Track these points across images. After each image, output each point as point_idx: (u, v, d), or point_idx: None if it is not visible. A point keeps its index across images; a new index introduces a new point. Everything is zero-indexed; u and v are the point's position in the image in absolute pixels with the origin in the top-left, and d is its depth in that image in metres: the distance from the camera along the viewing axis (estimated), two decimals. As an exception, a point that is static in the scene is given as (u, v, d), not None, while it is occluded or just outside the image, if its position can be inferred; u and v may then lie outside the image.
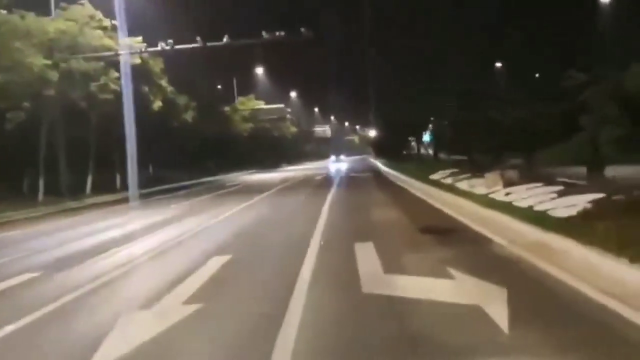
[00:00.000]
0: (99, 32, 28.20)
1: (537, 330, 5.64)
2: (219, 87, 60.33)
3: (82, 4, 28.05)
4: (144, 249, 12.66)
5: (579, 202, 11.56)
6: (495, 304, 6.43)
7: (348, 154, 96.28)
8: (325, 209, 18.33)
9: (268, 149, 65.81)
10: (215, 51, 49.67)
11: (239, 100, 61.68)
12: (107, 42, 28.90)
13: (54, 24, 25.72)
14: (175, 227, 16.61)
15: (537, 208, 12.35)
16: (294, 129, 78.15)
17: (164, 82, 35.00)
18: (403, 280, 8.08)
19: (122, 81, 28.40)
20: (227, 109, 58.31)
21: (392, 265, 9.11)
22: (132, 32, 30.62)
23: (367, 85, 62.14)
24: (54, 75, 25.09)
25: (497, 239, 10.71)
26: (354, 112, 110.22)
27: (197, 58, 45.76)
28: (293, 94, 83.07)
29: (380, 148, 65.45)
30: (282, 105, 64.98)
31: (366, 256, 9.93)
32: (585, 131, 13.87)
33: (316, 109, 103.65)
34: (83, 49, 27.99)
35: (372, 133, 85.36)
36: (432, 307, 6.66)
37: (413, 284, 7.86)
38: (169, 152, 43.30)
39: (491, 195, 16.01)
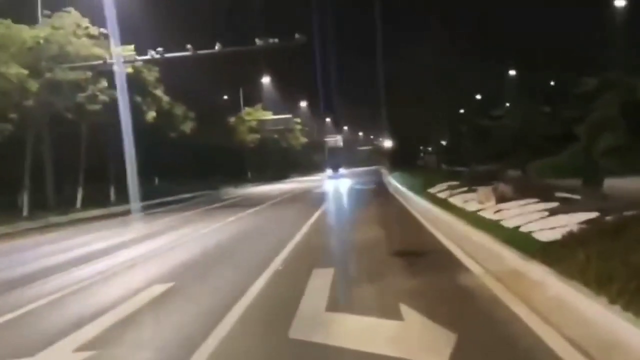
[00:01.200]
0: (85, 40, 27.17)
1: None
2: (226, 97, 59.42)
3: (68, 12, 27.05)
4: (88, 274, 11.53)
5: (569, 223, 10.26)
6: (436, 356, 5.40)
7: (358, 165, 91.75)
8: (307, 225, 17.14)
9: (276, 160, 64.75)
10: (222, 61, 48.96)
11: (246, 110, 60.62)
12: (97, 51, 27.95)
13: (32, 32, 24.70)
14: (144, 245, 15.54)
15: (524, 229, 11.05)
16: (303, 140, 76.89)
17: (159, 92, 33.96)
18: (341, 322, 6.86)
19: (118, 91, 27.39)
20: (233, 119, 57.33)
21: (340, 299, 7.99)
22: (122, 41, 29.70)
23: (381, 94, 61.11)
24: (32, 85, 24.09)
25: (472, 265, 9.50)
26: (368, 122, 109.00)
27: (202, 68, 45.17)
28: (303, 104, 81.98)
29: (393, 159, 64.29)
30: (289, 116, 63.82)
31: (317, 287, 8.72)
32: (579, 141, 12.50)
33: (328, 119, 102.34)
34: (71, 58, 27.05)
35: (387, 143, 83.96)
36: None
37: (351, 327, 6.66)
38: (175, 164, 42.42)
39: (481, 213, 14.68)
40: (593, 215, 10.50)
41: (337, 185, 36.93)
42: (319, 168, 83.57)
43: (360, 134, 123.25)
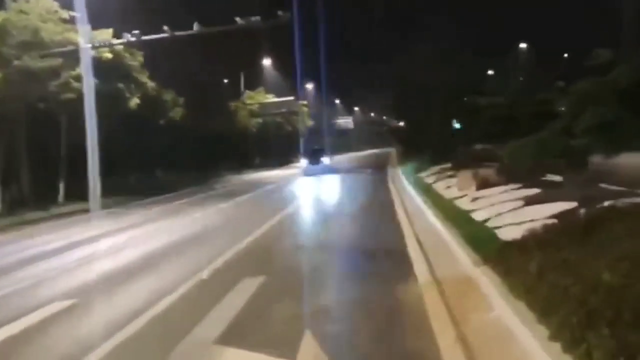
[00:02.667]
0: (55, 24, 25.61)
1: None
2: (226, 81, 57.83)
3: (34, -5, 25.54)
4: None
5: (540, 216, 8.72)
6: None
7: (369, 148, 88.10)
8: (275, 219, 15.53)
9: (282, 144, 63.03)
10: (221, 45, 47.48)
11: (247, 94, 58.94)
12: (71, 36, 26.49)
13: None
14: (91, 247, 14.04)
15: (491, 223, 9.58)
16: (310, 122, 74.99)
17: (144, 78, 32.44)
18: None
19: (83, 74, 25.79)
20: (233, 104, 55.78)
21: (243, 324, 6.60)
22: (101, 25, 28.28)
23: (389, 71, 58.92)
24: (-9, 76, 22.72)
25: (421, 271, 8.04)
26: (380, 103, 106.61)
27: (201, 53, 43.79)
28: (310, 86, 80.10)
29: (401, 139, 62.03)
30: (292, 98, 61.98)
31: (230, 304, 7.39)
32: (559, 118, 10.84)
33: (337, 101, 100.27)
34: (44, 44, 25.59)
35: (402, 124, 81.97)
36: None
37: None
38: (175, 152, 40.99)
39: (458, 201, 13.18)
40: (570, 205, 8.95)
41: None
42: (329, 151, 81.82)
43: (372, 114, 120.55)
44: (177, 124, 38.44)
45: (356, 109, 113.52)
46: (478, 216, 10.43)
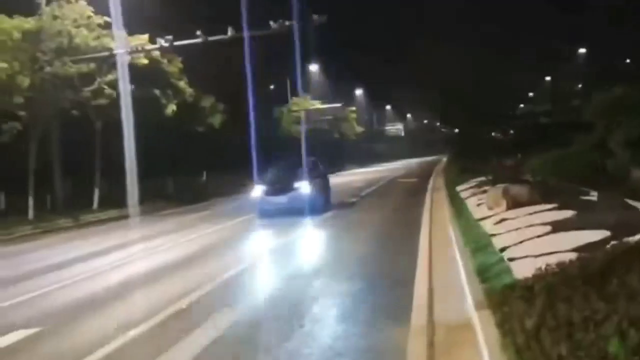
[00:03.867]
0: (87, 30, 25.29)
1: None
2: (272, 87, 57.35)
3: (68, 0, 25.24)
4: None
5: (563, 247, 7.55)
6: None
7: (417, 155, 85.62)
8: (288, 236, 14.51)
9: (329, 151, 61.98)
10: (268, 51, 46.93)
11: (293, 100, 58.22)
12: (106, 41, 26.18)
13: (13, 23, 22.97)
14: (93, 262, 13.23)
15: (510, 252, 8.39)
16: (359, 129, 73.80)
17: (182, 84, 32.02)
18: None
19: (120, 82, 25.53)
20: (279, 109, 55.28)
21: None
22: (136, 32, 27.98)
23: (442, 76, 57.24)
24: (23, 81, 22.45)
25: (419, 312, 6.95)
26: (433, 109, 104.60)
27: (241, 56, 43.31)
28: (359, 92, 79.01)
29: (451, 147, 60.06)
30: (339, 105, 60.86)
31: (188, 347, 6.35)
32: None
33: (388, 107, 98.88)
34: (80, 50, 25.36)
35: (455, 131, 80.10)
36: None
37: None
38: (218, 161, 40.48)
39: (484, 222, 11.92)
40: (600, 235, 7.70)
41: None
42: (379, 159, 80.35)
43: (425, 121, 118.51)
44: (216, 130, 37.91)
45: (409, 115, 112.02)
46: (499, 242, 9.23)
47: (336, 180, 42.98)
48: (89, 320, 8.10)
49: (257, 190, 19.94)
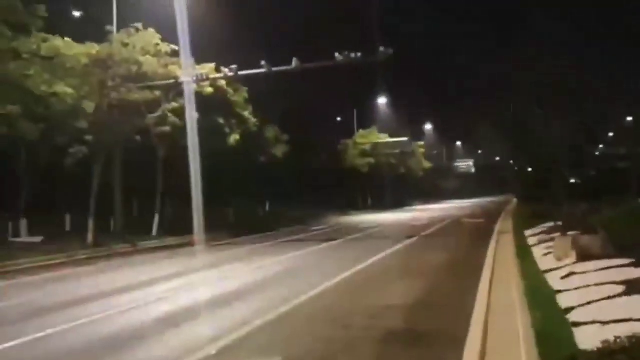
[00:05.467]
0: (155, 58, 25.43)
1: None
2: (339, 119, 57.09)
3: (137, 28, 25.46)
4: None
5: (634, 314, 6.55)
6: None
7: (486, 195, 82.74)
8: (334, 281, 13.63)
9: (395, 186, 61.08)
10: (335, 82, 46.70)
11: (359, 133, 57.69)
12: (173, 69, 26.32)
13: (80, 49, 23.24)
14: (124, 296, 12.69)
15: (575, 315, 7.41)
16: (427, 164, 72.42)
17: (246, 113, 31.94)
18: None
19: (187, 110, 25.58)
20: (346, 142, 54.89)
21: None
22: (203, 60, 28.17)
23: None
24: (89, 106, 22.67)
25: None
26: (506, 146, 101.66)
27: (315, 89, 43.30)
28: (428, 126, 77.86)
29: (522, 188, 57.84)
30: (406, 139, 59.93)
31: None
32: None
33: (458, 143, 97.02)
34: (147, 78, 25.58)
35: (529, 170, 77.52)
36: None
37: None
38: (281, 191, 40.27)
39: (550, 274, 10.83)
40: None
41: None
42: (447, 195, 78.58)
43: (498, 158, 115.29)
44: (279, 160, 37.67)
45: (480, 152, 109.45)
46: (564, 301, 8.22)
47: (398, 216, 42.10)
48: None
49: None
